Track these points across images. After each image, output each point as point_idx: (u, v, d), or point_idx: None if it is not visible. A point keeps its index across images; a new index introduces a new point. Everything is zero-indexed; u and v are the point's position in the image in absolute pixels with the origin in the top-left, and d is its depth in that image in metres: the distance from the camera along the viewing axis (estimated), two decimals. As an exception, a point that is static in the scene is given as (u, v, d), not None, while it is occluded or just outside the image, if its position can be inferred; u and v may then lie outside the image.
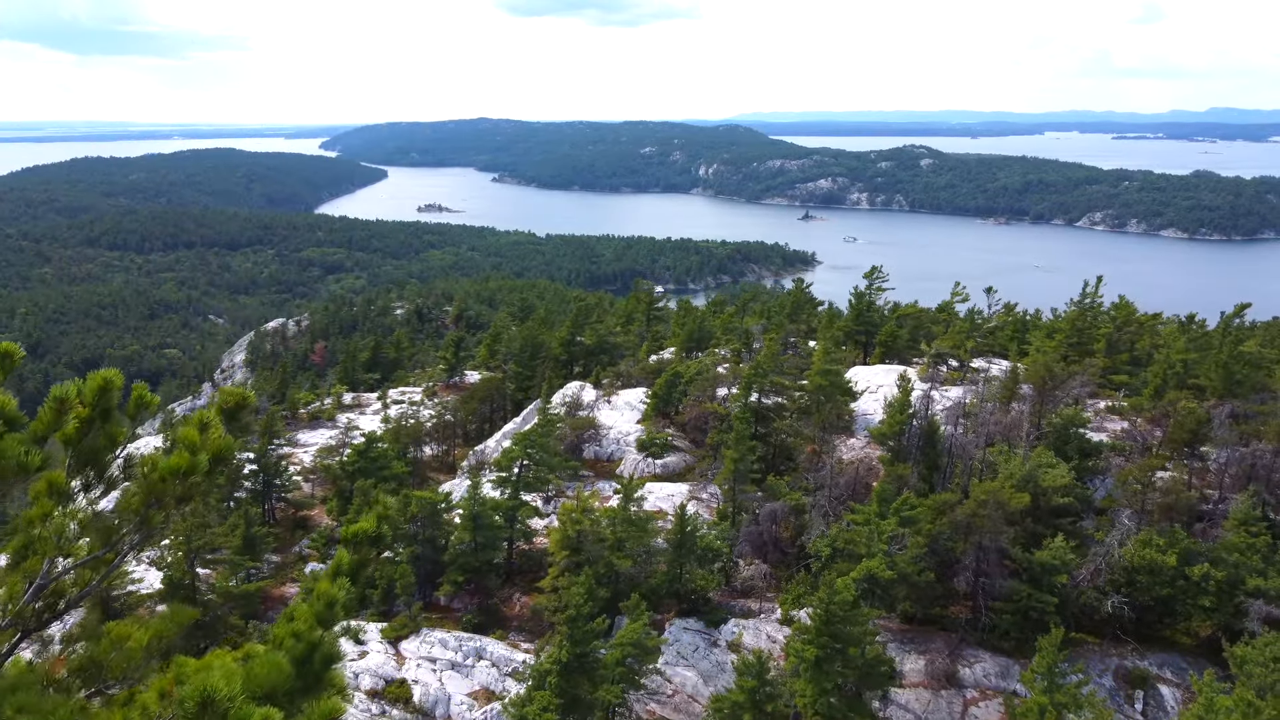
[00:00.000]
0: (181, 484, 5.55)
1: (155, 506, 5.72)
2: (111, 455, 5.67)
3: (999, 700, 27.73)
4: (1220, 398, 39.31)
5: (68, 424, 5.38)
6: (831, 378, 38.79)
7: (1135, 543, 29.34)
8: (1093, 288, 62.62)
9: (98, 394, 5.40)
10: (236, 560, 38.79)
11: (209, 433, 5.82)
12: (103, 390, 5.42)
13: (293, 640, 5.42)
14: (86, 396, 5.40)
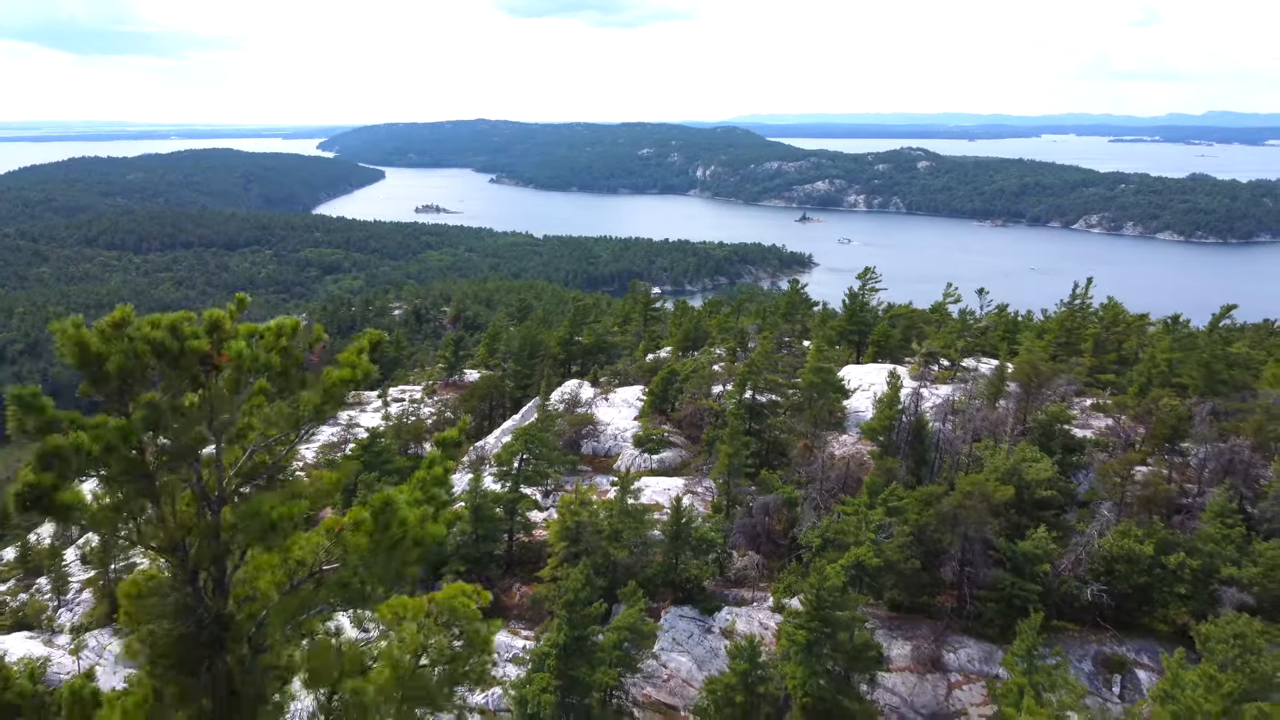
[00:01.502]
0: (345, 388, 7.77)
1: (329, 403, 7.88)
2: (296, 371, 7.69)
3: (982, 684, 28.77)
4: (1202, 396, 40.33)
5: (273, 354, 7.60)
6: (824, 375, 39.80)
7: (1114, 533, 30.39)
8: (1082, 289, 63.80)
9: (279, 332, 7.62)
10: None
11: (362, 356, 8.04)
12: (292, 330, 7.70)
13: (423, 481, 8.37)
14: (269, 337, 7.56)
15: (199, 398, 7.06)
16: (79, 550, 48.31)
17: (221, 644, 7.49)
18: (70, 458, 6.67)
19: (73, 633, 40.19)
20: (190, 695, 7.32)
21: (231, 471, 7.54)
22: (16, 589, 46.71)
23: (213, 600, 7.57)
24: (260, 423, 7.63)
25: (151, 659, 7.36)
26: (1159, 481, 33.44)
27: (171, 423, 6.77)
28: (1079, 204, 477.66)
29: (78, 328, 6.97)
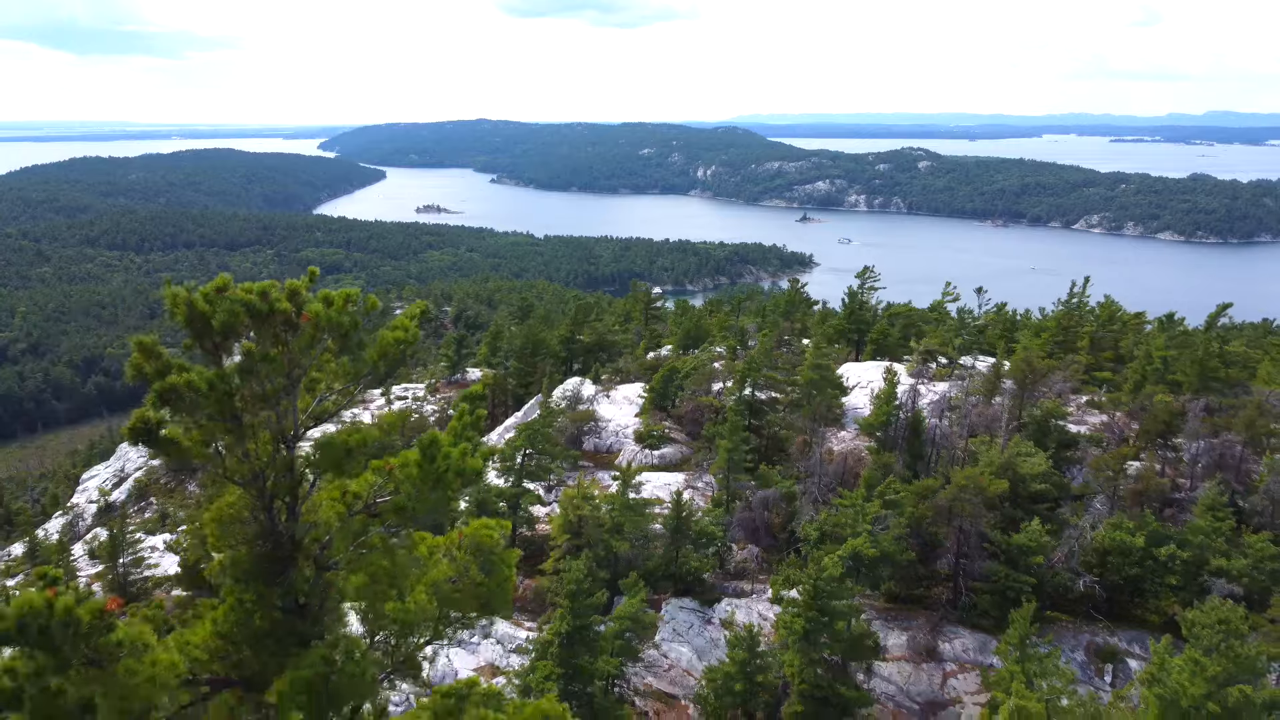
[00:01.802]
0: (399, 347, 9.14)
1: (384, 360, 9.22)
2: (356, 332, 9.00)
3: (976, 673, 29.36)
4: (1195, 393, 40.89)
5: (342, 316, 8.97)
6: (822, 372, 40.37)
7: (1107, 525, 30.98)
8: (1080, 288, 64.39)
9: (346, 299, 8.87)
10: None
11: (413, 322, 9.39)
12: (356, 298, 8.98)
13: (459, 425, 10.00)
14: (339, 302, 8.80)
15: (281, 351, 8.09)
16: (86, 546, 48.88)
17: (292, 562, 9.02)
18: (184, 394, 8.05)
19: (82, 625, 40.70)
20: (267, 604, 8.81)
21: (304, 415, 8.96)
22: (25, 584, 47.23)
23: (285, 525, 9.06)
24: (327, 375, 9.07)
25: (234, 575, 8.79)
26: (1151, 475, 34.03)
27: (260, 371, 7.94)
28: (1079, 204, 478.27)
29: (189, 291, 8.54)
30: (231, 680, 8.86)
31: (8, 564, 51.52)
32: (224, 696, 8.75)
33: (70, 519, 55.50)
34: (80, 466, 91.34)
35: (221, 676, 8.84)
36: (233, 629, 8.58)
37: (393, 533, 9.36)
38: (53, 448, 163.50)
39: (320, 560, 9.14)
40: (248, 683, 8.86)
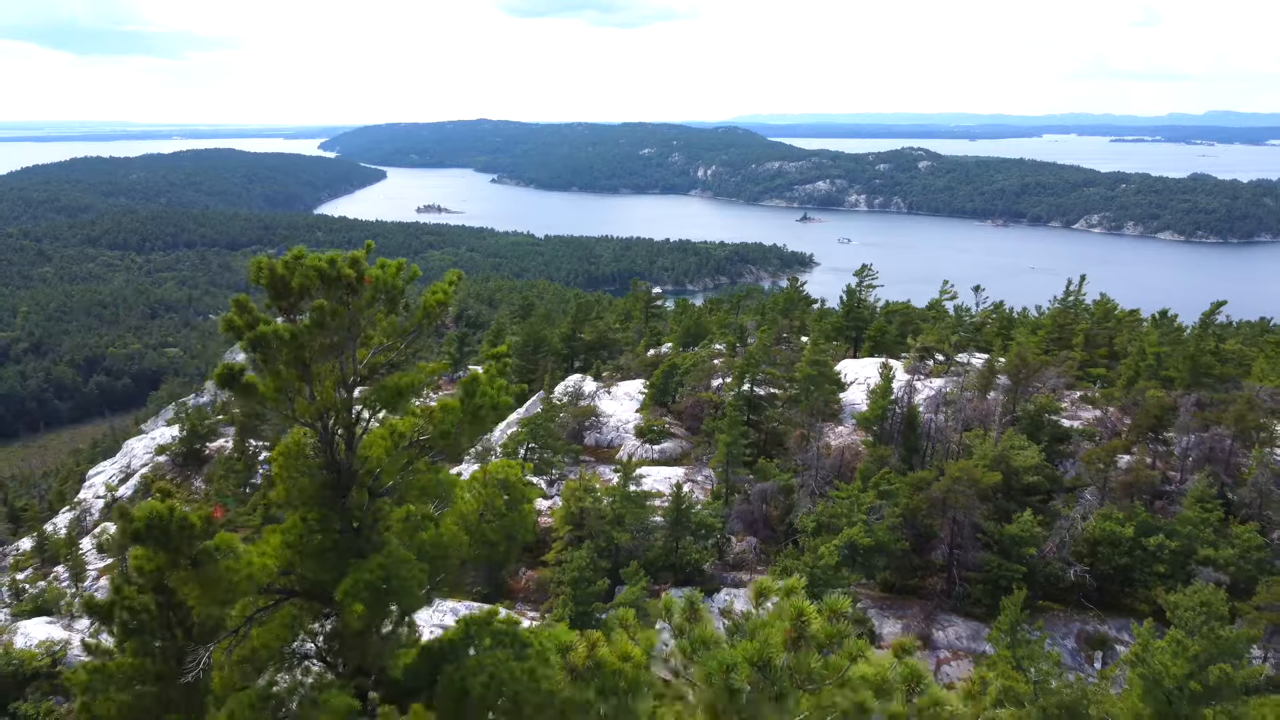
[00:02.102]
0: (439, 308, 10.65)
1: (427, 320, 10.68)
2: (401, 296, 10.60)
3: (969, 660, 30.02)
4: (1187, 388, 41.56)
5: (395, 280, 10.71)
6: (820, 368, 41.05)
7: (1097, 516, 31.66)
8: (1076, 286, 65.07)
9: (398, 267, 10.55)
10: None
11: (450, 286, 10.94)
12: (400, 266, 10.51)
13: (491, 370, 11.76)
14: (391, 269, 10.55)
15: (344, 309, 9.87)
16: (94, 539, 49.55)
17: (348, 489, 10.53)
18: (270, 342, 9.47)
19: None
20: (327, 525, 10.29)
21: (360, 365, 10.47)
22: (35, 577, 47.92)
23: (343, 458, 10.55)
24: (379, 332, 10.55)
25: (299, 500, 10.27)
26: (1141, 468, 34.70)
27: (328, 324, 9.52)
28: (1080, 204, 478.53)
29: (270, 260, 10.14)
30: (295, 592, 10.45)
31: (16, 558, 52.20)
32: (287, 607, 10.35)
33: (78, 514, 56.18)
34: (84, 464, 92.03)
35: (287, 589, 10.41)
36: (299, 542, 10.02)
37: (435, 461, 11.09)
38: (55, 447, 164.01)
39: (373, 488, 10.64)
40: (308, 594, 10.46)
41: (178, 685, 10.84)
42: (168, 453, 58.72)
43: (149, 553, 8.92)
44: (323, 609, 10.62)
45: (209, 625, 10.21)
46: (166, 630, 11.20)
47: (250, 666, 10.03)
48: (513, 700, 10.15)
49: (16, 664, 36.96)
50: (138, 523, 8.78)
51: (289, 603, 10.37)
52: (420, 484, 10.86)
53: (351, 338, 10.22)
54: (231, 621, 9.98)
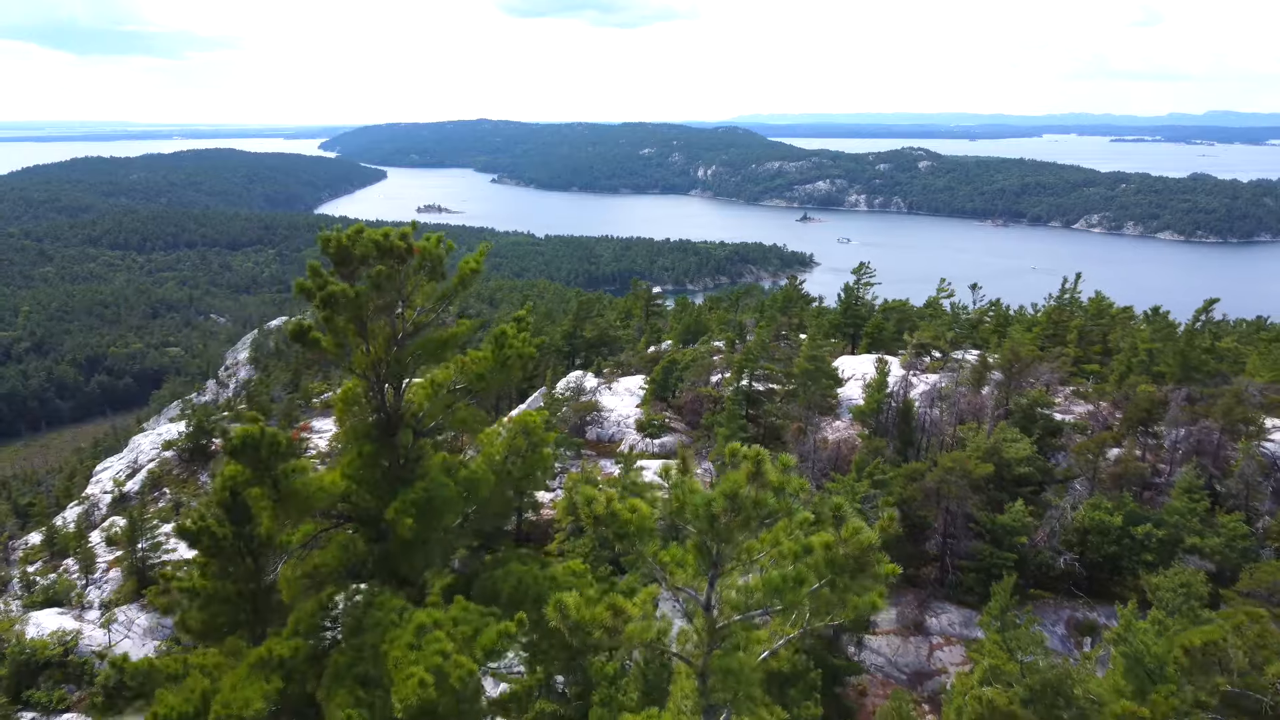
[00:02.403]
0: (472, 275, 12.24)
1: (462, 285, 12.35)
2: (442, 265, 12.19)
3: (961, 646, 30.78)
4: (1178, 383, 42.30)
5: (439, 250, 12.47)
6: (817, 363, 41.78)
7: (1086, 506, 32.39)
8: (1072, 284, 65.81)
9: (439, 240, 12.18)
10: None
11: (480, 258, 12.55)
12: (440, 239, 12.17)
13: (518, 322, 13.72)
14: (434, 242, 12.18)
15: (396, 275, 11.59)
16: (103, 533, 50.29)
17: (397, 428, 12.30)
18: (338, 299, 11.12)
19: (103, 608, 42.18)
20: (379, 459, 11.97)
21: (408, 324, 12.16)
22: (45, 570, 48.68)
23: (392, 403, 12.24)
24: (422, 295, 12.20)
25: (355, 437, 11.98)
26: (1130, 460, 35.43)
27: (383, 286, 11.14)
28: (1080, 204, 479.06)
29: (338, 232, 11.72)
30: (350, 517, 12.24)
31: (26, 552, 52.94)
32: (343, 532, 12.21)
33: (85, 508, 56.93)
34: (89, 462, 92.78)
35: (344, 514, 12.22)
36: (355, 473, 11.79)
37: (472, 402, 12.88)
38: (56, 446, 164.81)
39: (417, 428, 12.51)
40: (360, 520, 12.23)
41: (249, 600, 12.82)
42: (174, 448, 59.47)
43: (240, 468, 10.77)
44: (373, 535, 12.16)
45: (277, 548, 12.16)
46: (241, 556, 12.94)
47: (312, 582, 11.79)
48: (535, 600, 12.00)
49: (30, 653, 37.75)
50: (234, 439, 10.51)
51: (344, 529, 12.10)
52: (459, 418, 12.70)
53: (401, 299, 11.85)
54: (295, 544, 11.95)
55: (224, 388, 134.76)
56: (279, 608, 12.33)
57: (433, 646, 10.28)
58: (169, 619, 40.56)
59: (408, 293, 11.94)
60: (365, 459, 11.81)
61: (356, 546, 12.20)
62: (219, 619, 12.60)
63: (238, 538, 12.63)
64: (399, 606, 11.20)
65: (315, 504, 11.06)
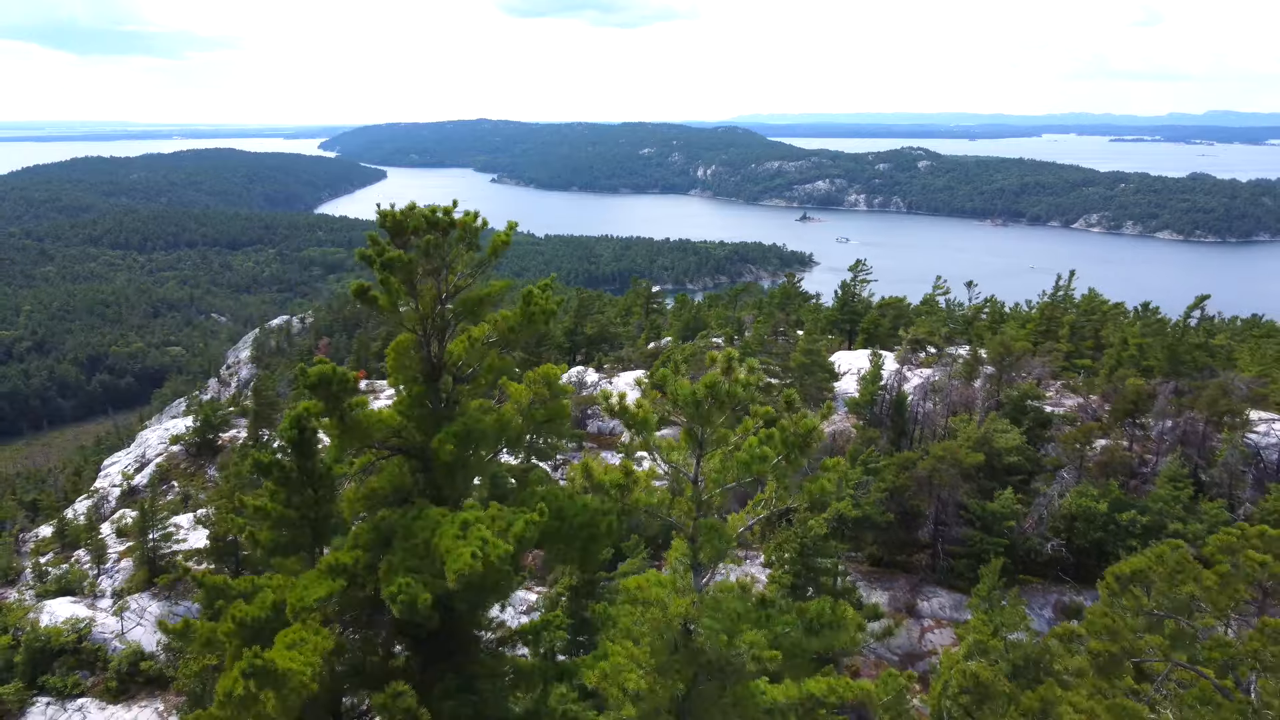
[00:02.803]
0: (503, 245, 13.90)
1: (494, 254, 14.02)
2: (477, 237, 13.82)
3: (951, 628, 31.75)
4: (1166, 376, 43.29)
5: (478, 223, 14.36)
6: (813, 356, 42.76)
7: (1073, 493, 33.39)
8: (1066, 281, 66.81)
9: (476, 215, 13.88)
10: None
11: (510, 232, 14.17)
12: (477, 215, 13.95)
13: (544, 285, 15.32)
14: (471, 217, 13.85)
15: (441, 244, 13.42)
16: (113, 525, 51.25)
17: (440, 375, 14.22)
18: (395, 262, 12.88)
19: (115, 597, 43.11)
20: (426, 399, 14.04)
21: (449, 286, 14.06)
22: (56, 560, 49.60)
23: (436, 353, 14.16)
24: (461, 263, 13.98)
25: (406, 379, 13.99)
26: (1117, 449, 36.44)
27: (430, 253, 12.94)
28: (1079, 203, 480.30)
29: (393, 210, 13.59)
30: (400, 449, 14.30)
31: (37, 544, 53.86)
32: (395, 460, 14.45)
33: (95, 501, 57.87)
34: (93, 459, 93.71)
35: (395, 446, 14.30)
36: (406, 410, 13.95)
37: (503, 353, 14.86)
38: (59, 444, 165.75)
39: (457, 375, 14.57)
40: (408, 452, 14.30)
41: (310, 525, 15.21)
42: (181, 442, 60.44)
43: (315, 401, 12.95)
44: (419, 466, 14.44)
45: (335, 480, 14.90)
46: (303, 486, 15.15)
47: (368, 504, 14.05)
48: (557, 509, 14.47)
49: (44, 639, 38.70)
50: (311, 376, 12.72)
51: (396, 458, 14.36)
52: (491, 364, 14.56)
53: (445, 265, 13.76)
54: (355, 471, 14.40)
55: (226, 386, 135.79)
56: (337, 530, 14.89)
57: (475, 533, 12.28)
58: (180, 607, 41.66)
59: (450, 259, 13.81)
60: (414, 399, 14.03)
61: (405, 474, 14.46)
62: (284, 539, 15.07)
63: (301, 470, 14.87)
64: (443, 512, 13.30)
65: (373, 434, 13.45)
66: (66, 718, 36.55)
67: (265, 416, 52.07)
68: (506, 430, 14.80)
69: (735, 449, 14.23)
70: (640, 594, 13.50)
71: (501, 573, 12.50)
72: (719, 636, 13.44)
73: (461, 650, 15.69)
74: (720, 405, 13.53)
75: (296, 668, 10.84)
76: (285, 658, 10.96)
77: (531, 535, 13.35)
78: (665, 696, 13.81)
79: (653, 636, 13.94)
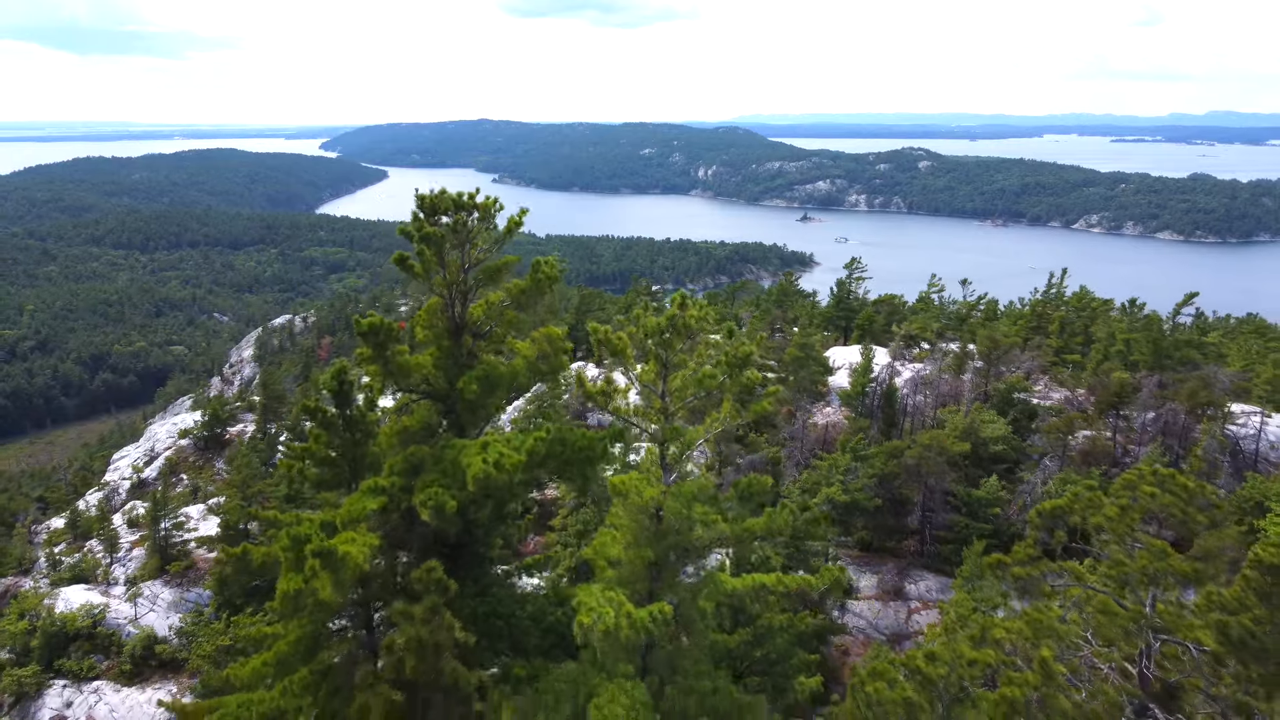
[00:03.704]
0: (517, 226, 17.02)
1: (509, 232, 17.11)
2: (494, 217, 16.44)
3: (937, 610, 32.92)
4: (1151, 370, 44.45)
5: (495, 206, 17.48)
6: (807, 350, 43.90)
7: (1056, 481, 34.54)
8: (1058, 279, 67.97)
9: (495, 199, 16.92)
10: (284, 509, 43.84)
11: (522, 216, 17.18)
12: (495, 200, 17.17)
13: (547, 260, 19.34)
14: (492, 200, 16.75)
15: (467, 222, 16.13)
16: (124, 515, 52.47)
17: (463, 332, 16.73)
18: (432, 236, 15.72)
19: (128, 584, 44.33)
20: (452, 352, 16.50)
21: (472, 258, 16.76)
22: (70, 550, 50.81)
23: (459, 314, 16.68)
24: (481, 239, 16.52)
25: (434, 336, 16.45)
26: (1099, 439, 37.61)
27: (458, 228, 15.37)
28: (1079, 204, 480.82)
29: (431, 191, 16.13)
30: (429, 394, 17.07)
31: (50, 534, 55.07)
32: (424, 403, 17.08)
33: (106, 494, 59.12)
34: (101, 455, 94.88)
35: (426, 391, 17.04)
36: (435, 361, 16.50)
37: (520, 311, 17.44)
38: (62, 443, 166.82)
39: (476, 333, 17.18)
40: (436, 396, 17.01)
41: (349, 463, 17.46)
42: (190, 436, 61.65)
43: (366, 347, 15.80)
44: (445, 409, 17.22)
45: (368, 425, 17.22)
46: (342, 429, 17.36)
47: (401, 439, 16.73)
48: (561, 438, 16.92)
49: (60, 625, 39.92)
50: (363, 325, 15.61)
51: (425, 401, 17.20)
52: (506, 320, 17.37)
53: (468, 240, 16.47)
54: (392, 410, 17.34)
55: (229, 384, 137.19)
56: (373, 468, 17.17)
57: (494, 449, 15.51)
58: (191, 593, 42.86)
59: (472, 235, 16.55)
60: (442, 352, 16.84)
61: (433, 415, 17.35)
62: (326, 475, 17.67)
63: (340, 417, 17.26)
64: (466, 441, 16.09)
65: (411, 377, 16.51)
66: (82, 700, 37.76)
67: (273, 409, 53.26)
68: (517, 378, 17.31)
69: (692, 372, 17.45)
70: (622, 487, 16.21)
71: (514, 479, 15.28)
72: (680, 512, 16.16)
73: (478, 565, 18.79)
74: (679, 334, 16.95)
75: (354, 551, 13.71)
76: (345, 544, 13.88)
77: (540, 450, 15.98)
78: (640, 564, 16.31)
79: (630, 518, 16.73)
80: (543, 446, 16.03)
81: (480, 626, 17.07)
